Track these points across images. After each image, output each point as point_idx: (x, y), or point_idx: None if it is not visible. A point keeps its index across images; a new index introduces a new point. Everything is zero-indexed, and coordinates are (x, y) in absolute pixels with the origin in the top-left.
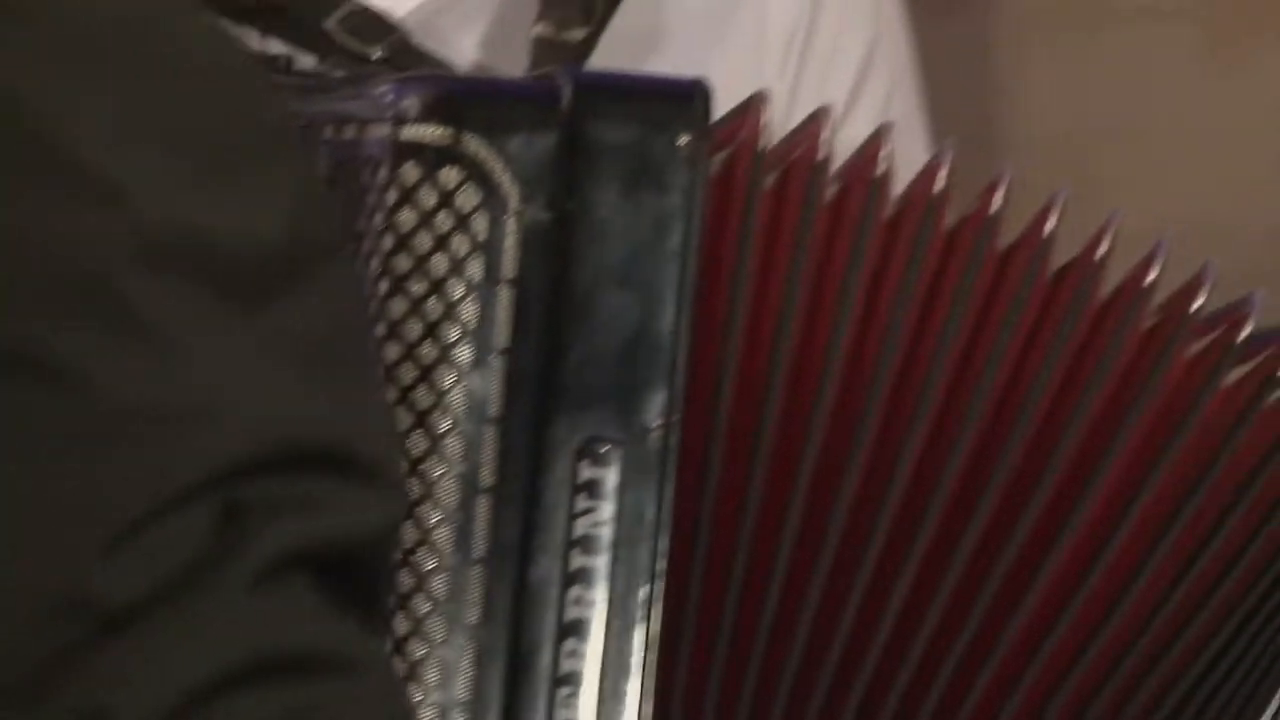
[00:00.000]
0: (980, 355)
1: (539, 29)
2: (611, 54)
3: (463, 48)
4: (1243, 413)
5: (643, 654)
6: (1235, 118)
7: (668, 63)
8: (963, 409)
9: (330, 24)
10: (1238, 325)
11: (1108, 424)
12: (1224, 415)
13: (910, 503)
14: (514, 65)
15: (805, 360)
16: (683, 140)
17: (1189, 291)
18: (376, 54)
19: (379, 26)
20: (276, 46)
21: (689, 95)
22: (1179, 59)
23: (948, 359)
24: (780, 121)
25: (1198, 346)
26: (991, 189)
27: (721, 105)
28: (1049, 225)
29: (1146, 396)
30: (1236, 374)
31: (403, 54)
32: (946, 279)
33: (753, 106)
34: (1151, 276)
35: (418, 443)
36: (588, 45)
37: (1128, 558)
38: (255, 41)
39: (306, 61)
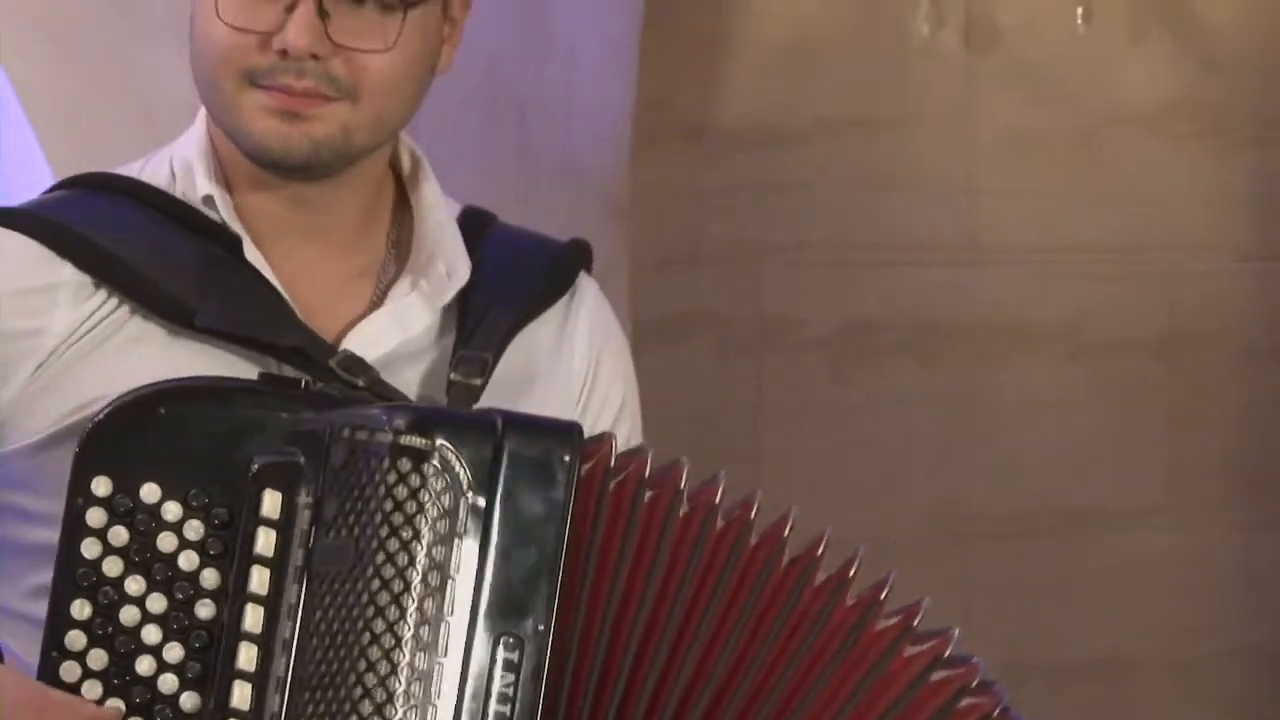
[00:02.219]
0: (701, 602)
1: (454, 375)
2: (494, 392)
3: (408, 381)
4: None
5: None
6: None
7: (529, 399)
8: (695, 627)
9: (332, 363)
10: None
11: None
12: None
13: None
14: (439, 394)
15: (629, 590)
16: (566, 457)
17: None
18: (360, 383)
19: (362, 366)
20: (291, 373)
21: (570, 430)
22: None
23: (698, 602)
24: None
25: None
26: (747, 505)
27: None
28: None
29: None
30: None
31: (377, 384)
32: (701, 559)
33: (606, 439)
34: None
35: (416, 621)
36: (481, 388)
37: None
38: (273, 367)
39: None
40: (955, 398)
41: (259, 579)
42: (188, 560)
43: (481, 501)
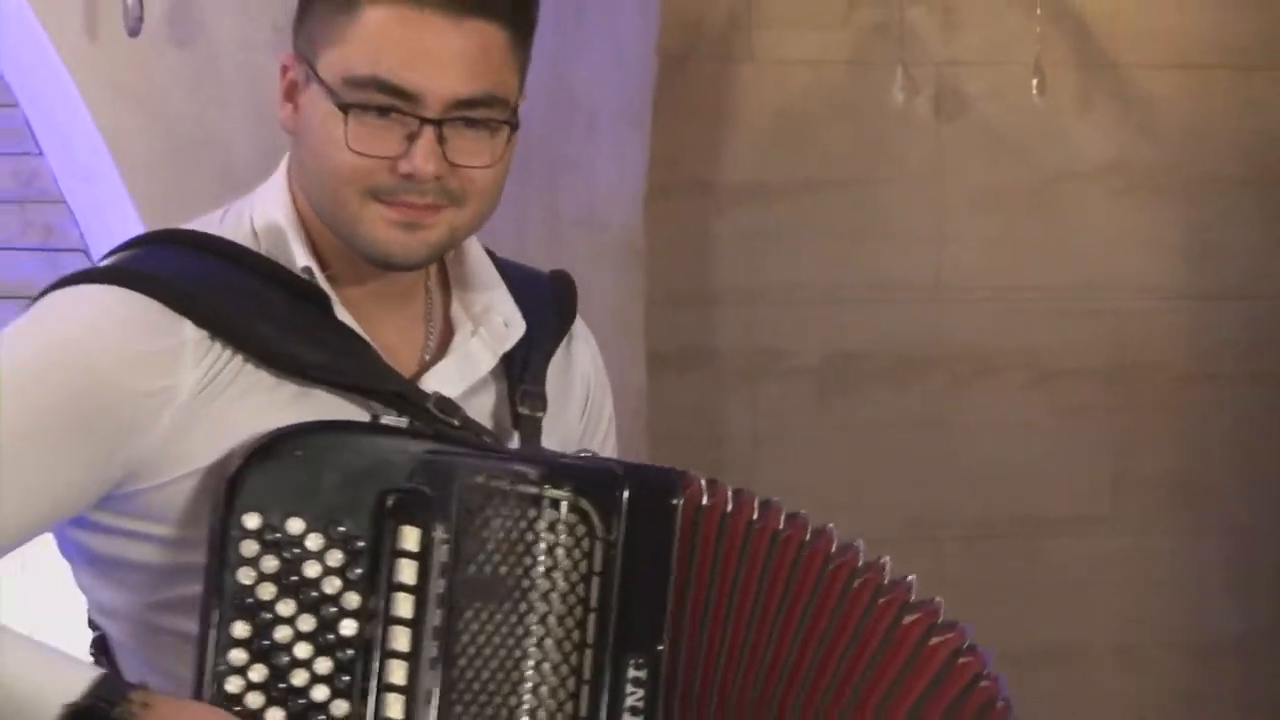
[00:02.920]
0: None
1: (522, 409)
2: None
3: (475, 414)
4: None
5: None
6: None
7: (556, 420)
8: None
9: (428, 405)
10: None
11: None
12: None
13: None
14: (505, 424)
15: (720, 604)
16: (676, 500)
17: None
18: (456, 423)
19: (453, 407)
20: (390, 416)
21: (676, 477)
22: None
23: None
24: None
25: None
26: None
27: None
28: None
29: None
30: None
31: (469, 423)
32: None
33: (692, 478)
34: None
35: (563, 648)
36: (542, 419)
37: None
38: (377, 411)
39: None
40: (926, 419)
41: (404, 604)
42: (331, 585)
43: (610, 540)
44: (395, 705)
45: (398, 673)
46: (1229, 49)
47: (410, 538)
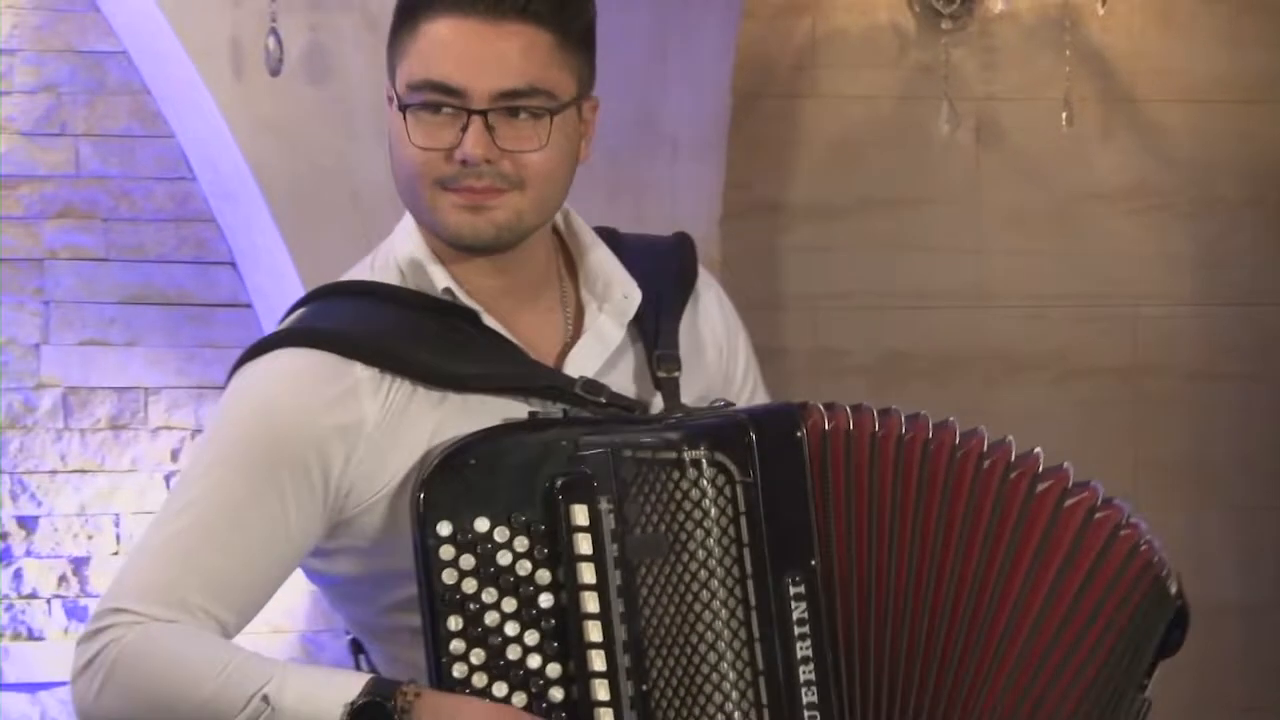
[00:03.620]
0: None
1: (660, 373)
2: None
3: (618, 384)
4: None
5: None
6: None
7: (693, 373)
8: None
9: (576, 389)
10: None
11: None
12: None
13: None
14: (647, 387)
15: (872, 521)
16: (799, 432)
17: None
18: (603, 400)
19: (598, 386)
20: (535, 403)
21: (794, 410)
22: None
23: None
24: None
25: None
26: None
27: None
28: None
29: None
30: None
31: (614, 397)
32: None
33: (812, 408)
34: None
35: (726, 583)
36: (679, 378)
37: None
38: (534, 406)
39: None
40: (965, 411)
41: (587, 572)
42: (523, 568)
43: (748, 483)
44: (598, 659)
45: (594, 631)
46: (1232, 86)
47: (580, 514)
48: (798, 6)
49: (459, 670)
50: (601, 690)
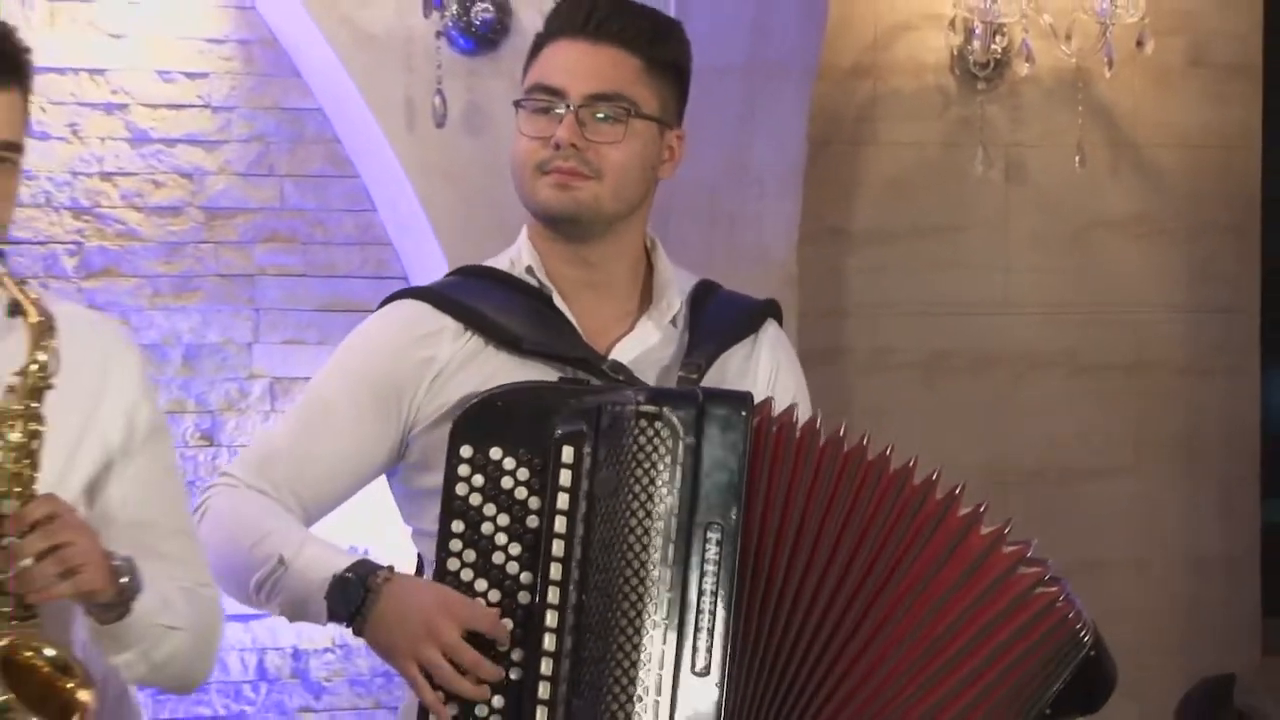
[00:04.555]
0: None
1: (681, 372)
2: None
3: (651, 378)
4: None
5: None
6: None
7: (745, 385)
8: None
9: (604, 366)
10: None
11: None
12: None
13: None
14: (671, 384)
15: (788, 497)
16: (744, 412)
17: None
18: (621, 378)
19: (622, 368)
20: (569, 371)
21: (745, 396)
22: None
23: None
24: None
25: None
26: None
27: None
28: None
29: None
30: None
31: (631, 379)
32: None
33: (768, 403)
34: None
35: (658, 517)
36: (698, 382)
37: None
38: (569, 373)
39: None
40: (996, 399)
41: (562, 500)
42: (520, 493)
43: (691, 441)
44: (556, 570)
45: (557, 547)
46: (1218, 134)
47: (568, 454)
48: (860, 71)
49: (453, 564)
50: (553, 594)
